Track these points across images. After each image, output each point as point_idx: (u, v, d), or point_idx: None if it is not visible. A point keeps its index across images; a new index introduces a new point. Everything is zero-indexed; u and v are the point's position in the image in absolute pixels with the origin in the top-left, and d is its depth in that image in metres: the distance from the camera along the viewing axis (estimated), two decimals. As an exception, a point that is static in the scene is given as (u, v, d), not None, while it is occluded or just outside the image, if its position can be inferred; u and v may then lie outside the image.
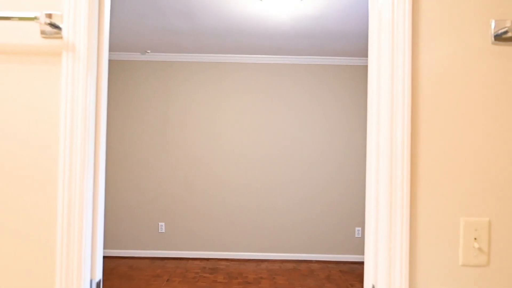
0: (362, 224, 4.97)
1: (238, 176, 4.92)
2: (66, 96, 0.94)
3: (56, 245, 0.94)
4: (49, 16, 0.95)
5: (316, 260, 4.86)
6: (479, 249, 0.96)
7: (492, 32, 0.97)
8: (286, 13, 3.37)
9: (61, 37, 0.95)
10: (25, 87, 0.95)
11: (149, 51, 4.72)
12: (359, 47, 4.33)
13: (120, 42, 4.34)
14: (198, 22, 3.63)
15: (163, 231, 4.91)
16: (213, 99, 4.93)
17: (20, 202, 0.94)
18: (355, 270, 4.50)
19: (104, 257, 4.94)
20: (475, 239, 0.96)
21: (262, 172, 4.92)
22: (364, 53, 4.61)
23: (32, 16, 0.88)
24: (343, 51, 4.54)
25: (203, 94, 4.93)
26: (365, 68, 4.93)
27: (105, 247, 5.00)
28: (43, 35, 0.95)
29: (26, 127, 0.95)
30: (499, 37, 0.96)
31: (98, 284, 0.99)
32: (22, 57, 0.95)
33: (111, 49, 4.69)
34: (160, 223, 4.91)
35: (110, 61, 4.94)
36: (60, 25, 0.94)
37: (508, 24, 0.96)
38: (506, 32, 0.95)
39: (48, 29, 0.94)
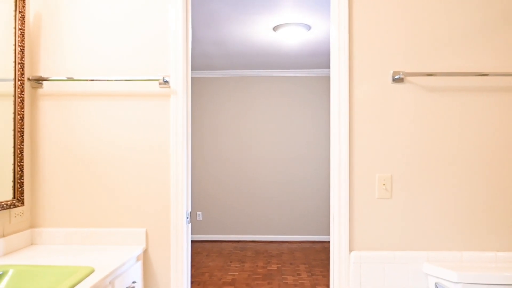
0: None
1: (262, 172, 5.85)
2: (173, 117, 1.88)
3: (170, 187, 1.88)
4: (163, 77, 1.90)
5: (329, 240, 5.72)
6: (386, 189, 1.84)
7: (391, 77, 1.85)
8: (296, 40, 4.28)
9: (169, 87, 1.90)
10: (153, 112, 1.90)
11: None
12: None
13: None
14: (227, 47, 4.59)
15: (201, 219, 5.88)
16: (239, 107, 5.88)
17: (155, 174, 1.89)
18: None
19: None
20: (384, 184, 1.84)
21: (283, 167, 5.83)
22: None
23: (156, 78, 1.83)
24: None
25: (231, 103, 5.89)
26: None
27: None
28: (161, 86, 1.90)
29: (153, 135, 1.90)
30: (394, 80, 1.84)
31: (189, 213, 1.93)
32: (151, 97, 1.90)
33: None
34: (198, 212, 5.89)
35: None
36: (169, 81, 1.89)
37: (399, 73, 1.84)
38: (398, 78, 1.83)
39: (163, 83, 1.89)
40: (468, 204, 1.84)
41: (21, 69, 1.75)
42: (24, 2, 1.77)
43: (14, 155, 1.72)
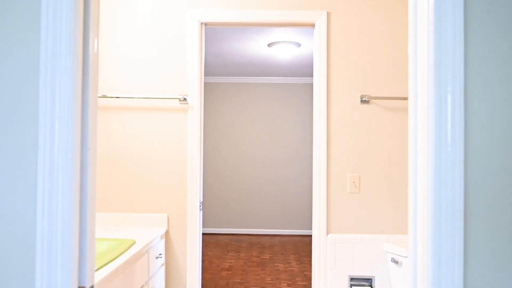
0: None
1: (256, 170, 6.37)
2: (190, 126, 2.39)
3: (187, 181, 2.39)
4: (183, 96, 2.41)
5: (318, 234, 6.27)
6: (355, 186, 2.38)
7: (359, 99, 2.38)
8: (287, 55, 4.81)
9: (187, 103, 2.41)
10: (174, 122, 2.41)
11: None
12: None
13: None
14: (226, 59, 5.10)
15: (199, 213, 6.38)
16: (235, 110, 6.40)
17: (175, 171, 2.40)
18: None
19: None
20: (354, 182, 2.38)
21: (275, 166, 6.36)
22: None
23: (177, 97, 2.35)
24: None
25: (227, 106, 6.41)
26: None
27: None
28: (180, 102, 2.41)
29: (174, 139, 2.41)
30: (362, 101, 2.37)
31: (201, 202, 2.44)
32: (172, 111, 2.41)
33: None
34: (196, 207, 6.39)
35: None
36: (187, 98, 2.40)
37: (365, 96, 2.37)
38: (365, 100, 2.36)
39: (182, 100, 2.40)
40: (418, 198, 2.39)
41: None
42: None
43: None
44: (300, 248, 5.45)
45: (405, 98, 2.34)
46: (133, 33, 2.40)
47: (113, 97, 2.34)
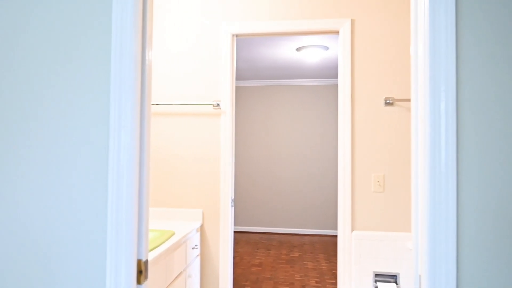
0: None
1: (287, 170, 6.53)
2: (222, 129, 2.59)
3: (220, 180, 2.59)
4: (216, 102, 2.61)
5: (347, 235, 6.33)
6: (379, 185, 2.49)
7: (384, 101, 2.49)
8: (316, 57, 4.94)
9: (220, 108, 2.61)
10: (208, 126, 2.62)
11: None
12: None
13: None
14: (256, 63, 5.30)
15: (230, 212, 6.61)
16: (265, 112, 6.59)
17: (209, 170, 2.61)
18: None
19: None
20: (378, 181, 2.49)
21: (303, 166, 6.49)
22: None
23: (211, 103, 2.55)
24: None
25: (257, 108, 6.61)
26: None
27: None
28: (214, 108, 2.62)
29: (208, 141, 2.62)
30: (386, 103, 2.48)
31: (233, 199, 2.63)
32: (207, 116, 2.62)
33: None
34: (228, 206, 6.62)
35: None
36: (220, 104, 2.61)
37: (390, 99, 2.47)
38: (389, 102, 2.47)
39: (216, 106, 2.61)
40: (441, 197, 2.47)
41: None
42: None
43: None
44: (330, 247, 5.55)
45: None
46: (171, 45, 2.63)
47: (154, 104, 2.57)
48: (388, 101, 2.47)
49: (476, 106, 0.95)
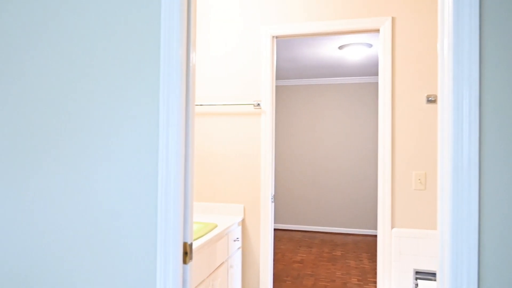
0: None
1: (330, 169, 6.52)
2: (263, 128, 2.70)
3: (260, 176, 2.70)
4: (257, 102, 2.72)
5: (392, 235, 6.20)
6: (421, 183, 2.47)
7: (425, 98, 2.47)
8: (358, 55, 4.90)
9: (260, 108, 2.72)
10: (249, 125, 2.74)
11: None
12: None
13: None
14: (297, 63, 5.36)
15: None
16: (306, 110, 6.62)
17: (250, 167, 2.73)
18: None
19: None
20: (419, 179, 2.47)
21: (345, 164, 6.44)
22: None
23: (251, 103, 2.66)
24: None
25: (300, 107, 6.65)
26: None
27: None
28: (254, 107, 2.73)
29: (248, 140, 2.73)
30: (428, 101, 2.46)
31: (273, 195, 2.73)
32: (247, 115, 2.74)
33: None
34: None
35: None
36: (260, 104, 2.71)
37: (432, 96, 2.45)
38: (431, 99, 2.44)
39: (256, 106, 2.72)
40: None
41: (167, 97, 2.71)
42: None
43: (163, 153, 2.68)
44: (373, 247, 5.48)
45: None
46: (213, 48, 2.78)
47: (197, 105, 2.73)
48: (430, 98, 2.45)
49: (499, 105, 0.97)
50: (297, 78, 6.48)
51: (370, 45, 4.45)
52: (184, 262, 1.13)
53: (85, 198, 1.20)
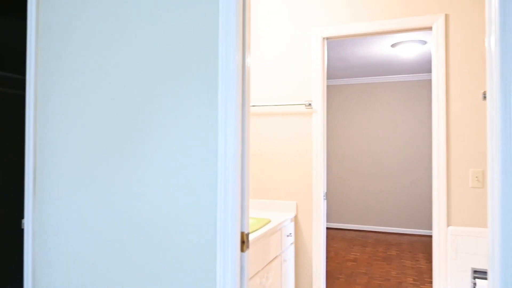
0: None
1: (383, 167, 6.40)
2: (314, 128, 2.78)
3: (312, 174, 2.78)
4: (308, 102, 2.80)
5: (452, 237, 5.94)
6: (478, 181, 2.41)
7: (482, 95, 2.40)
8: (412, 53, 4.78)
9: (311, 107, 2.80)
10: (300, 124, 2.83)
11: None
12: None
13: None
14: (349, 62, 5.34)
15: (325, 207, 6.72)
16: (358, 109, 6.54)
17: (302, 165, 2.82)
18: (486, 245, 5.45)
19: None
20: (476, 177, 2.41)
21: (399, 163, 6.28)
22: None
23: (303, 103, 2.75)
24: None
25: (351, 106, 6.59)
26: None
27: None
28: (306, 107, 2.81)
29: (300, 139, 2.82)
30: (485, 98, 2.39)
31: (325, 193, 2.80)
32: (299, 115, 2.83)
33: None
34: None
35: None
36: (311, 104, 2.79)
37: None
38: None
39: (307, 106, 2.80)
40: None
41: (222, 100, 2.88)
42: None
43: (219, 152, 2.86)
44: (430, 247, 5.30)
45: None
46: (264, 50, 2.91)
47: (251, 106, 2.88)
48: (486, 95, 2.38)
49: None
50: (348, 77, 6.43)
51: (424, 42, 4.33)
52: (242, 250, 1.27)
53: (154, 191, 1.37)
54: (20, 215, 3.03)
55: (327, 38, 2.76)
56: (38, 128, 1.63)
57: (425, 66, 5.64)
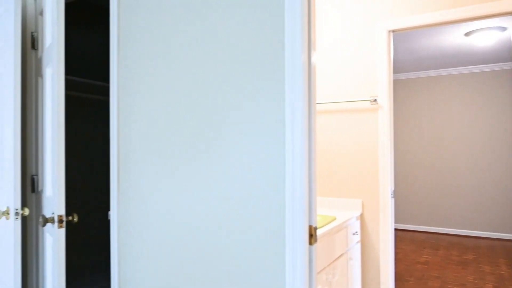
0: None
1: (455, 165, 5.99)
2: (380, 124, 2.71)
3: (379, 172, 2.71)
4: (373, 97, 2.74)
5: (538, 242, 5.37)
6: None
7: None
8: (489, 41, 4.43)
9: (377, 103, 2.73)
10: (364, 122, 2.77)
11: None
12: None
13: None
14: (417, 54, 5.08)
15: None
16: (428, 103, 6.18)
17: (367, 163, 2.76)
18: None
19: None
20: None
21: (479, 163, 5.83)
22: None
23: (368, 99, 2.69)
24: (558, 53, 5.01)
25: (420, 101, 6.26)
26: None
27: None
28: (371, 103, 2.75)
29: (364, 135, 2.77)
30: None
31: (393, 190, 2.71)
32: (364, 111, 2.78)
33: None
34: (390, 203, 6.48)
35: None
36: (377, 99, 2.72)
37: None
38: None
39: (373, 101, 2.74)
40: None
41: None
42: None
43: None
44: (513, 254, 4.87)
45: None
46: (327, 45, 2.89)
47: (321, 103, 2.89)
48: None
49: None
50: (415, 71, 6.12)
51: (504, 28, 3.99)
52: (310, 243, 1.29)
53: (226, 186, 1.45)
54: (107, 207, 3.34)
55: (393, 31, 2.68)
56: (121, 129, 1.80)
57: (505, 55, 5.18)
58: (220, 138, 1.48)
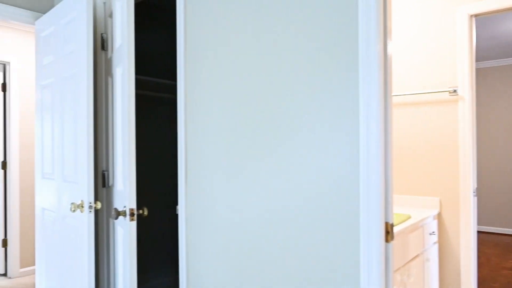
0: None
1: (549, 164, 5.34)
2: (460, 116, 2.50)
3: (459, 168, 2.51)
4: (452, 87, 2.54)
5: None
6: None
7: None
8: None
9: (457, 94, 2.53)
10: (442, 114, 2.58)
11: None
12: None
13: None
14: (501, 40, 4.62)
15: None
16: (518, 96, 5.59)
17: (447, 159, 2.58)
18: None
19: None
20: None
21: None
22: None
23: (446, 90, 2.50)
24: None
25: (506, 90, 5.68)
26: None
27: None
28: (450, 94, 2.55)
29: (442, 129, 2.58)
30: None
31: (475, 188, 2.50)
32: (442, 103, 2.59)
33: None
34: (469, 202, 5.99)
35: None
36: (457, 90, 2.52)
37: None
38: None
39: (452, 92, 2.54)
40: None
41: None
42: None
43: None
44: None
45: None
46: (401, 34, 2.74)
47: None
48: None
49: None
50: (500, 58, 5.57)
51: None
52: (386, 240, 1.24)
53: (296, 182, 1.44)
54: (176, 201, 3.51)
55: (475, 15, 2.46)
56: (188, 127, 1.87)
57: None
58: (292, 134, 1.47)
